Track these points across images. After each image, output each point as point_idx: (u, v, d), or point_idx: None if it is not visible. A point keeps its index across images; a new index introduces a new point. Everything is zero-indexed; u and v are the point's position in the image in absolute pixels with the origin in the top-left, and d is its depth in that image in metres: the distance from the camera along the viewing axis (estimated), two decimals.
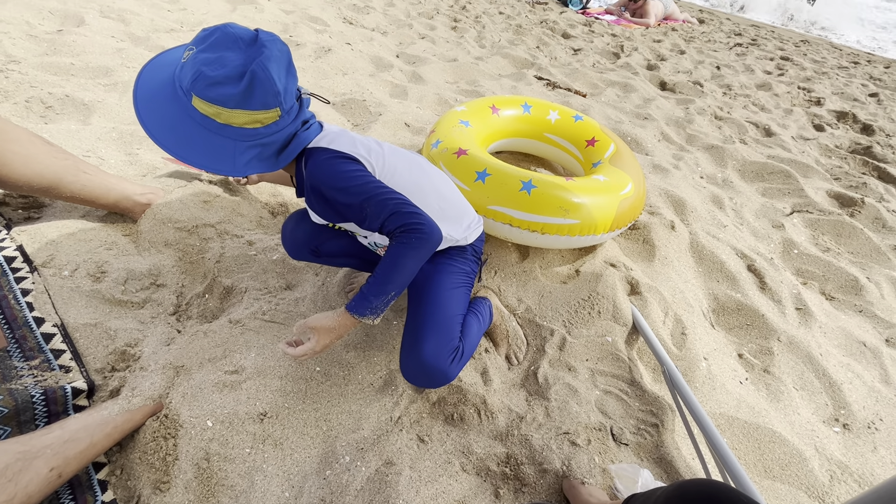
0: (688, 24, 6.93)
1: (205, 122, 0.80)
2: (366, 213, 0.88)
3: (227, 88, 0.77)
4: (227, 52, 0.78)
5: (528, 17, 5.46)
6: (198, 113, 0.79)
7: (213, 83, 0.76)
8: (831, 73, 5.42)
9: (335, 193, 0.90)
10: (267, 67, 0.78)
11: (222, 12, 3.39)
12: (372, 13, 4.28)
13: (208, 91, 0.77)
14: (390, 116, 2.29)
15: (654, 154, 2.55)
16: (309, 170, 0.92)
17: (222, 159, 0.82)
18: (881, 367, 1.42)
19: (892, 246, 2.09)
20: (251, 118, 0.81)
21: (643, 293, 1.43)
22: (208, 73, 0.76)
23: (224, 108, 0.78)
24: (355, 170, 0.92)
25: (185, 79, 0.78)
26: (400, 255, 0.88)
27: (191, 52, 0.79)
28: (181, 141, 0.80)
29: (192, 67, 0.77)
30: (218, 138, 0.81)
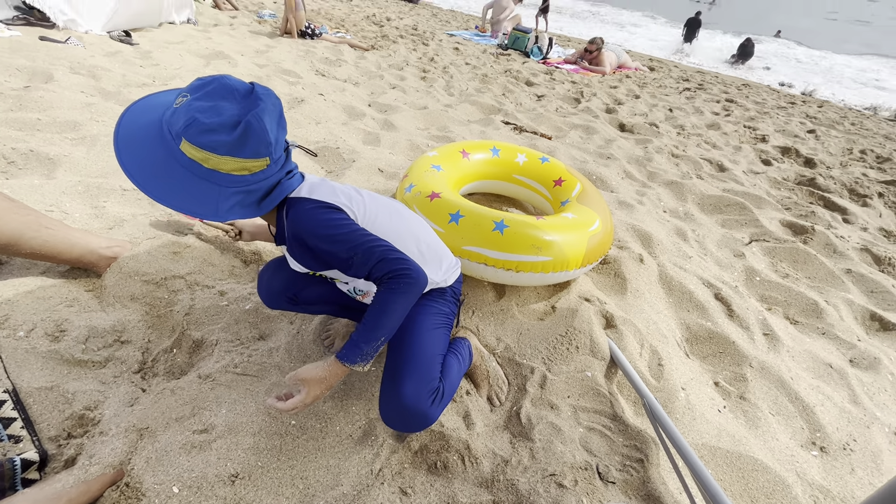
0: (640, 72, 7.47)
1: (191, 167, 0.80)
2: (352, 260, 0.89)
3: (221, 136, 0.78)
4: (223, 102, 0.79)
5: (493, 67, 5.77)
6: (185, 157, 0.79)
7: (207, 130, 0.77)
8: (772, 112, 5.90)
9: (320, 242, 0.91)
10: (262, 119, 0.80)
11: (196, 67, 3.46)
12: (344, 66, 4.45)
13: (200, 137, 0.77)
14: (364, 163, 2.34)
15: (618, 191, 2.66)
16: (291, 219, 0.92)
17: (204, 203, 0.82)
18: (849, 387, 1.46)
19: (845, 270, 2.22)
20: (240, 165, 0.81)
21: (618, 326, 1.46)
22: (203, 119, 0.77)
23: (214, 154, 0.79)
24: (339, 218, 0.93)
25: (177, 123, 0.78)
26: (389, 301, 0.89)
27: (185, 99, 0.80)
28: (162, 183, 0.80)
29: (185, 113, 0.78)
30: (202, 183, 0.81)
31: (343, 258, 0.90)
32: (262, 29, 5.35)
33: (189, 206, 0.81)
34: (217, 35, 4.64)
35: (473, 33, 8.22)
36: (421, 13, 10.37)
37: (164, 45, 3.93)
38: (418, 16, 9.71)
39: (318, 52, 4.72)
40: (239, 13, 6.10)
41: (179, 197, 0.80)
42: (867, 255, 2.42)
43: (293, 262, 1.02)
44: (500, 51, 7.05)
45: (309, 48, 4.82)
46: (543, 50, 7.01)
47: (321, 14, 7.18)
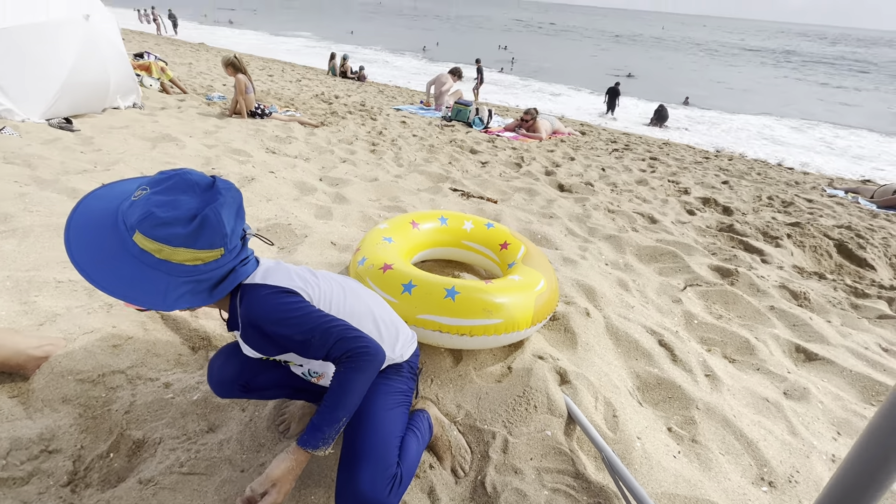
0: (573, 136, 8.20)
1: (142, 257, 0.80)
2: (310, 342, 0.90)
3: (175, 229, 0.79)
4: (182, 196, 0.81)
5: (439, 137, 6.15)
6: (136, 247, 0.80)
7: (162, 223, 0.79)
8: (691, 167, 6.59)
9: (276, 327, 0.91)
10: (219, 212, 0.82)
11: (141, 150, 3.46)
12: (294, 142, 4.60)
13: (155, 230, 0.79)
14: (316, 237, 2.37)
15: (562, 248, 2.84)
16: (246, 306, 0.93)
17: (152, 293, 0.81)
18: (786, 419, 1.57)
19: (769, 307, 2.43)
20: (193, 256, 0.82)
21: (572, 381, 1.51)
22: (159, 213, 0.79)
23: (167, 245, 0.80)
24: (295, 301, 0.95)
25: (133, 216, 0.80)
26: (348, 380, 0.90)
27: (144, 192, 0.81)
28: (109, 272, 0.79)
29: (142, 207, 0.79)
30: (152, 272, 0.81)
31: (300, 341, 0.91)
32: (212, 111, 5.48)
33: (135, 296, 0.81)
34: (164, 118, 4.69)
35: (419, 107, 8.78)
36: (368, 90, 11.02)
37: (108, 129, 3.92)
38: (366, 93, 10.31)
39: (269, 131, 4.86)
40: (187, 96, 6.24)
41: (126, 286, 0.80)
42: (786, 291, 2.67)
43: (247, 348, 1.01)
44: (445, 122, 7.55)
45: (259, 127, 4.96)
46: (484, 120, 7.59)
47: (270, 94, 7.46)
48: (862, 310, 2.63)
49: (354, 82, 12.51)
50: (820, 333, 2.20)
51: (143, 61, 6.40)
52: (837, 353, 2.06)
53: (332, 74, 13.46)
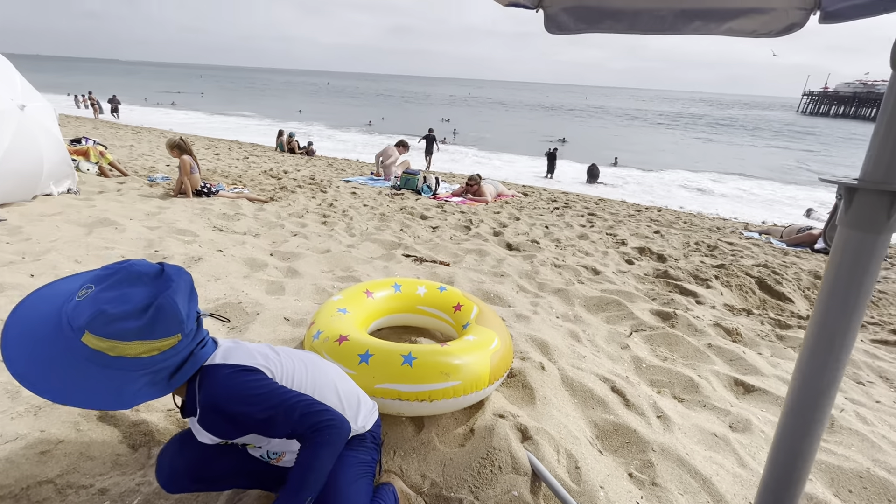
0: (516, 198, 8.71)
1: (93, 358, 0.77)
2: (275, 419, 0.89)
3: (128, 323, 0.77)
4: (131, 289, 0.79)
5: (389, 206, 6.34)
6: (86, 349, 0.77)
7: (113, 320, 0.76)
8: (625, 220, 7.14)
9: (240, 406, 0.90)
10: (173, 299, 0.81)
11: (75, 237, 3.32)
12: (243, 219, 4.57)
13: (106, 328, 0.76)
14: (268, 314, 2.33)
15: (515, 305, 2.94)
16: (207, 388, 0.91)
17: (108, 393, 0.78)
18: (734, 452, 1.65)
19: (707, 345, 2.61)
20: (149, 347, 0.80)
21: (534, 436, 1.53)
22: (110, 310, 0.76)
23: (121, 341, 0.77)
24: (257, 379, 0.94)
25: (80, 317, 0.77)
26: (314, 456, 0.89)
27: (89, 291, 0.79)
28: (56, 379, 0.75)
29: (90, 307, 0.77)
30: (105, 371, 0.78)
31: (264, 418, 0.90)
32: (154, 192, 5.39)
33: (90, 399, 0.77)
34: (102, 202, 4.55)
35: (368, 178, 9.07)
36: (317, 164, 11.28)
37: (38, 217, 3.74)
38: (315, 167, 10.54)
39: (216, 209, 4.82)
40: (128, 178, 6.11)
41: (78, 391, 0.77)
42: (720, 328, 2.89)
43: (203, 433, 0.97)
44: (395, 191, 7.83)
45: (205, 206, 4.91)
46: (432, 187, 7.95)
47: (217, 172, 7.46)
48: (787, 340, 2.87)
49: (303, 157, 12.78)
50: (754, 366, 2.38)
51: (80, 146, 6.27)
52: (770, 382, 2.22)
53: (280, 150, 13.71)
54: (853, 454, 1.72)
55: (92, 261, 2.87)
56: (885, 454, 1.72)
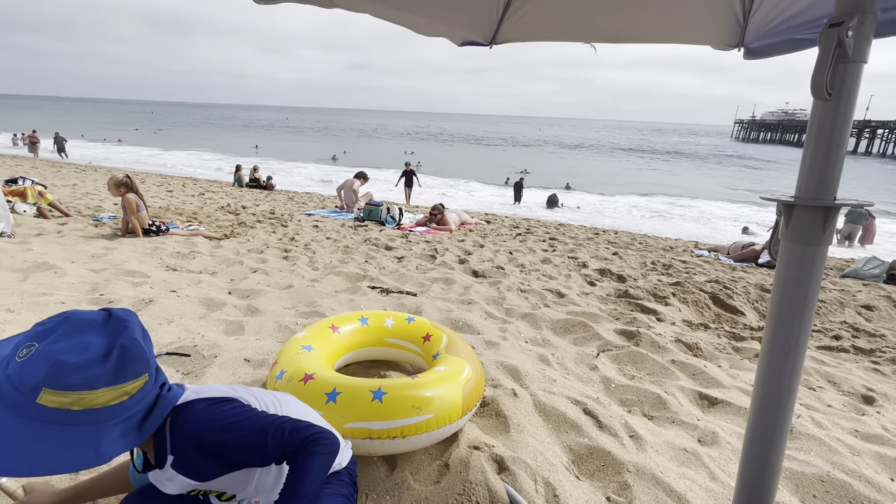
0: (479, 225, 8.85)
1: (55, 418, 0.70)
2: (263, 443, 0.85)
3: (93, 370, 0.72)
4: (86, 336, 0.74)
5: (353, 238, 6.27)
6: (45, 410, 0.69)
7: (75, 370, 0.71)
8: (585, 243, 7.38)
9: (224, 435, 0.85)
10: (134, 338, 0.77)
11: (8, 283, 3.05)
12: (198, 257, 4.38)
13: (67, 379, 0.70)
14: (227, 356, 2.20)
15: (483, 332, 2.93)
16: (183, 426, 0.86)
17: (81, 451, 0.71)
18: (704, 466, 1.68)
19: (670, 360, 2.68)
20: (118, 392, 0.75)
21: (510, 467, 1.50)
22: (69, 360, 0.70)
23: (88, 391, 0.71)
24: (238, 406, 0.91)
25: (32, 376, 0.69)
26: (308, 465, 0.85)
27: (32, 349, 0.72)
28: (10, 452, 0.67)
29: (44, 362, 0.70)
30: (71, 429, 0.71)
31: (251, 443, 0.85)
32: (100, 231, 5.09)
33: (60, 463, 0.70)
34: (40, 245, 4.24)
35: (330, 211, 8.97)
36: (277, 198, 11.07)
37: None
38: (275, 201, 10.34)
39: (168, 248, 4.60)
40: (70, 219, 5.76)
41: (46, 458, 0.68)
42: (681, 344, 2.99)
43: (177, 479, 0.90)
44: (358, 223, 7.77)
45: (157, 245, 4.68)
46: (396, 218, 7.96)
47: (170, 210, 7.17)
48: (742, 351, 3.01)
49: (262, 192, 12.54)
50: (715, 378, 2.46)
51: (16, 187, 5.88)
52: (732, 394, 2.30)
53: (238, 186, 13.40)
54: (813, 459, 1.78)
55: (27, 309, 2.64)
56: (841, 457, 1.80)
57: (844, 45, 0.66)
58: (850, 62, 0.68)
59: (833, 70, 0.68)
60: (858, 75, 0.69)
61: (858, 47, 0.67)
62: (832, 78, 0.69)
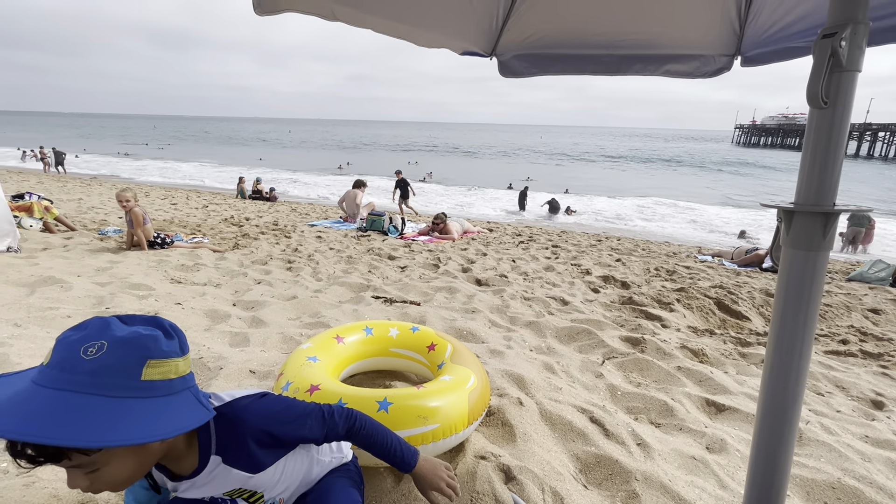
0: (482, 234, 8.87)
1: (162, 389, 0.74)
2: (313, 423, 0.98)
3: (170, 342, 0.77)
4: (132, 325, 0.77)
5: (356, 248, 6.29)
6: (154, 385, 0.73)
7: (164, 340, 0.76)
8: (588, 250, 7.38)
9: (277, 424, 0.94)
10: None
11: (14, 298, 3.08)
12: (203, 269, 4.40)
13: (164, 347, 0.75)
14: (233, 368, 2.21)
15: (488, 340, 2.93)
16: (237, 421, 0.91)
17: (193, 409, 0.77)
18: (713, 474, 1.66)
19: (676, 367, 2.67)
20: (187, 363, 0.81)
21: (517, 476, 1.49)
22: (152, 334, 0.74)
23: (178, 358, 0.77)
24: (277, 396, 1.01)
25: (133, 356, 0.72)
26: (369, 424, 1.07)
27: (100, 343, 0.71)
28: (141, 431, 0.69)
29: (135, 341, 0.72)
30: (176, 397, 0.76)
31: (301, 425, 0.97)
32: (106, 245, 5.13)
33: (180, 425, 0.74)
34: (46, 259, 4.28)
35: (332, 221, 9.02)
36: (280, 209, 11.14)
37: None
38: (278, 212, 10.40)
39: (173, 260, 4.63)
40: (76, 233, 5.81)
41: (163, 426, 0.72)
42: (686, 350, 2.98)
43: (212, 484, 0.93)
44: (361, 233, 7.80)
45: (161, 258, 4.71)
46: (399, 227, 7.98)
47: (174, 223, 7.23)
48: (749, 357, 2.99)
49: (265, 203, 12.62)
50: (722, 385, 2.45)
51: (23, 202, 5.95)
52: (739, 400, 2.28)
53: (241, 197, 13.49)
54: (823, 465, 1.77)
55: (34, 323, 2.66)
56: (852, 463, 1.78)
57: (838, 55, 0.68)
58: (844, 71, 0.69)
59: (828, 79, 0.70)
60: (853, 84, 0.70)
61: (852, 56, 0.69)
62: (827, 87, 0.70)
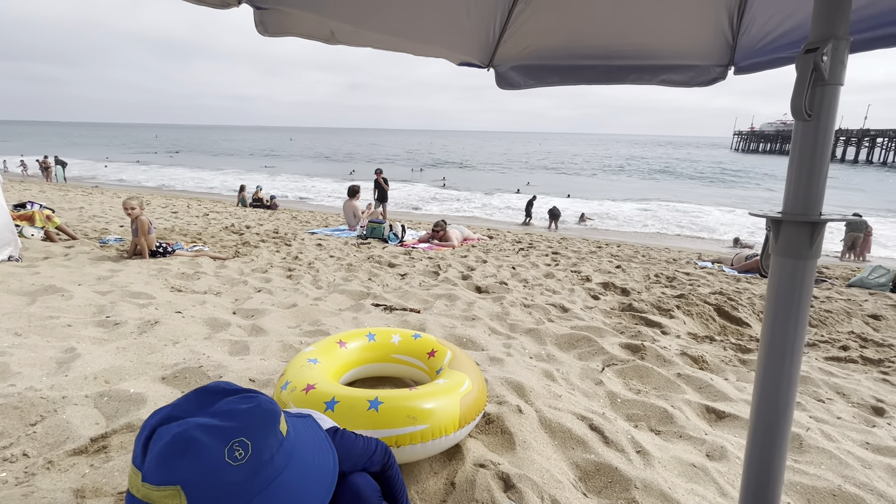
0: (482, 241, 8.88)
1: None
2: (372, 460, 1.10)
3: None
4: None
5: (356, 255, 6.31)
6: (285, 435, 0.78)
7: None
8: (588, 257, 7.39)
9: (349, 461, 1.03)
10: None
11: (15, 307, 3.09)
12: (203, 277, 4.41)
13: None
14: (232, 376, 2.21)
15: (488, 348, 2.93)
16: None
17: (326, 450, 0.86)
18: (714, 482, 1.66)
19: (676, 374, 2.67)
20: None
21: (517, 485, 1.49)
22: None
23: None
24: (346, 433, 1.09)
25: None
26: (398, 470, 1.20)
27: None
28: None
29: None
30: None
31: (365, 462, 1.09)
32: (106, 254, 5.15)
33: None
34: (47, 268, 4.30)
35: (333, 229, 9.04)
36: (281, 217, 11.17)
37: None
38: (278, 220, 10.43)
39: (174, 269, 4.64)
40: (77, 242, 5.83)
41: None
42: (686, 357, 2.97)
43: None
44: (361, 241, 7.82)
45: (162, 266, 4.72)
46: (399, 234, 8.00)
47: (175, 231, 7.25)
48: (749, 364, 2.98)
49: (266, 211, 12.66)
50: (722, 392, 2.44)
51: (24, 211, 5.98)
52: (739, 407, 2.28)
53: (242, 206, 13.54)
54: (824, 472, 1.76)
55: (34, 332, 2.67)
56: (853, 470, 1.78)
57: (820, 69, 0.69)
58: (826, 85, 0.71)
59: (811, 92, 0.71)
60: (836, 97, 0.72)
61: (834, 71, 0.71)
62: (811, 100, 0.72)
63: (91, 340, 2.61)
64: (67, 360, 2.28)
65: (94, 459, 1.58)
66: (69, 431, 1.69)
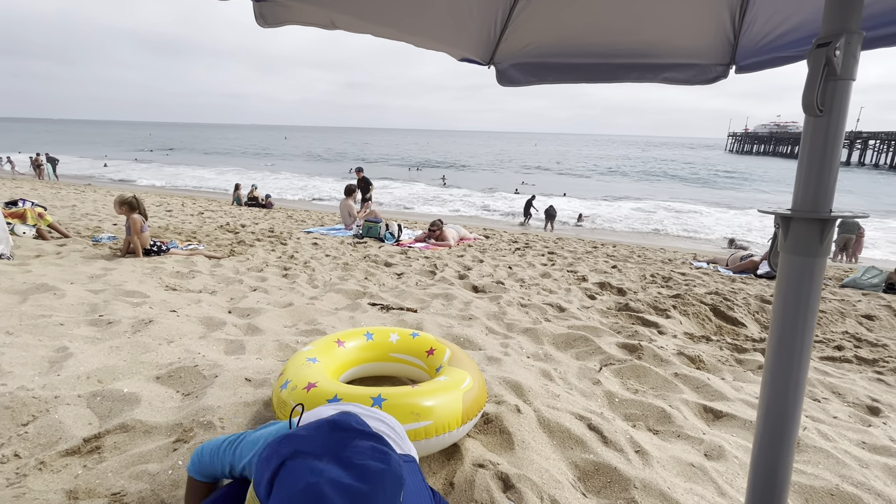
0: (478, 240, 8.87)
1: None
2: None
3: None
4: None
5: (352, 255, 6.28)
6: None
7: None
8: (584, 257, 7.40)
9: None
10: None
11: (6, 306, 3.04)
12: (198, 276, 4.37)
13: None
14: (228, 376, 2.19)
15: (485, 347, 2.92)
16: None
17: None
18: (712, 481, 1.66)
19: (673, 374, 2.67)
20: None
21: (516, 485, 1.48)
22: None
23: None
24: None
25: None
26: None
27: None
28: None
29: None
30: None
31: None
32: (99, 252, 5.09)
33: None
34: (39, 266, 4.24)
35: (330, 227, 9.00)
36: (276, 216, 11.11)
37: None
38: (274, 219, 10.37)
39: (168, 267, 4.59)
40: (70, 240, 5.76)
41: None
42: (683, 357, 2.98)
43: None
44: (357, 240, 7.79)
45: (156, 265, 4.67)
46: (395, 234, 7.97)
47: (170, 229, 7.19)
48: (745, 363, 2.99)
49: (261, 210, 12.59)
50: (719, 391, 2.45)
51: (16, 209, 5.90)
52: (737, 406, 2.29)
53: (237, 204, 13.45)
54: (821, 472, 1.77)
55: (26, 331, 2.63)
56: (849, 469, 1.78)
57: (833, 64, 0.69)
58: (839, 80, 0.71)
59: (823, 88, 0.71)
60: (848, 92, 0.71)
61: (846, 65, 0.70)
62: (822, 95, 0.71)
63: (84, 339, 2.58)
64: (60, 360, 2.25)
65: (86, 460, 1.55)
66: (61, 432, 1.67)
